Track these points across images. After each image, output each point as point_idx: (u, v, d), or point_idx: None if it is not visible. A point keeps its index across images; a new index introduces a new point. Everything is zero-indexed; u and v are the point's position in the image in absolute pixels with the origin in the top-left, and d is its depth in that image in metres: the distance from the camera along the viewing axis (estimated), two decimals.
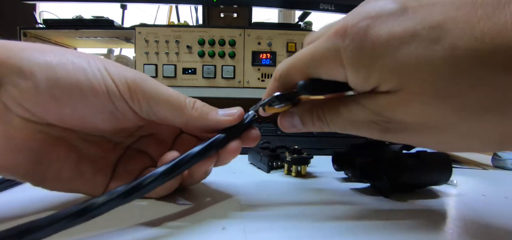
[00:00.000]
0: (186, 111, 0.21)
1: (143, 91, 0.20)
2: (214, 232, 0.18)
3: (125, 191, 0.17)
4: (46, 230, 0.15)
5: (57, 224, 0.15)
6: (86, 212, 0.16)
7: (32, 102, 0.18)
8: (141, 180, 0.18)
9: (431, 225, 0.20)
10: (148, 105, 0.20)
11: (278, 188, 0.27)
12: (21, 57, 0.17)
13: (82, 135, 0.21)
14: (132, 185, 0.17)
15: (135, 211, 0.20)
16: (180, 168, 0.19)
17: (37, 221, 0.15)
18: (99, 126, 0.21)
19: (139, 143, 0.25)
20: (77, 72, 0.18)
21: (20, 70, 0.17)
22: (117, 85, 0.19)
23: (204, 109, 0.22)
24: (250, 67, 0.57)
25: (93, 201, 0.16)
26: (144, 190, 0.18)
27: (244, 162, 0.37)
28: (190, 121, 0.21)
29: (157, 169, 0.19)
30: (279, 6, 0.66)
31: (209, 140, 0.21)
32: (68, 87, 0.18)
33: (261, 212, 0.21)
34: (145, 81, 0.20)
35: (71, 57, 0.19)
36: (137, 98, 0.20)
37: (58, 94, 0.18)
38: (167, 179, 0.19)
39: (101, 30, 0.60)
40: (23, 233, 0.14)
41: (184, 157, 0.20)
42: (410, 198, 0.25)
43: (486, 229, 0.20)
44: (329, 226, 0.19)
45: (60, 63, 0.18)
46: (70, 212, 0.15)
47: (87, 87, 0.18)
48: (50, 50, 0.19)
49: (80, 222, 0.16)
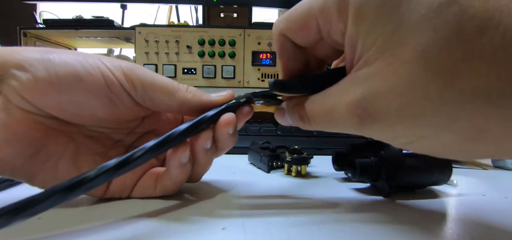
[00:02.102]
0: (180, 93, 0.22)
1: (138, 75, 0.21)
2: (214, 232, 0.18)
3: (116, 164, 0.18)
4: (39, 206, 0.15)
5: (50, 199, 0.16)
6: (79, 186, 0.17)
7: (31, 93, 0.19)
8: (131, 153, 0.18)
9: (431, 225, 0.20)
10: (143, 89, 0.21)
11: (278, 188, 0.27)
12: (22, 56, 0.19)
13: (82, 130, 0.22)
14: (122, 158, 0.18)
15: (135, 211, 0.20)
16: (171, 142, 0.20)
17: (29, 197, 0.15)
18: (98, 114, 0.21)
19: (140, 141, 0.25)
20: (74, 62, 0.20)
21: (19, 64, 0.19)
22: (112, 71, 0.20)
23: (197, 92, 0.23)
24: (250, 67, 0.57)
25: (86, 175, 0.17)
26: (134, 163, 0.18)
27: (244, 162, 0.37)
28: (184, 103, 0.22)
29: (147, 143, 0.19)
30: (279, 6, 0.66)
31: (199, 117, 0.21)
32: (66, 75, 0.19)
33: (261, 212, 0.21)
34: (139, 68, 0.22)
35: (70, 54, 0.20)
36: (132, 82, 0.21)
37: (56, 82, 0.19)
38: (158, 152, 0.19)
39: (101, 30, 0.60)
40: (18, 209, 0.15)
41: (174, 131, 0.20)
42: (410, 198, 0.25)
43: (486, 229, 0.20)
44: (329, 226, 0.19)
45: (58, 58, 0.19)
46: (63, 186, 0.16)
47: (82, 73, 0.20)
48: (50, 50, 0.20)
49: (73, 197, 0.16)
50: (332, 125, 0.17)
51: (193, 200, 0.23)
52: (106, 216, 0.19)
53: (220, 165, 0.32)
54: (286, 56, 0.20)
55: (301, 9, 0.18)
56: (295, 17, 0.18)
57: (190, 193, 0.25)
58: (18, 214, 0.15)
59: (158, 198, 0.23)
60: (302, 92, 0.19)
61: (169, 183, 0.22)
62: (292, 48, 0.19)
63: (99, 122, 0.22)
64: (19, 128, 0.19)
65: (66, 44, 0.71)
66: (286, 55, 0.20)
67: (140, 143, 0.24)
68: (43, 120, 0.20)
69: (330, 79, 0.17)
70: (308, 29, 0.18)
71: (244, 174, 0.32)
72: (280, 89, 0.19)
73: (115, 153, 0.23)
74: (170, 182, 0.22)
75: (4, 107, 0.19)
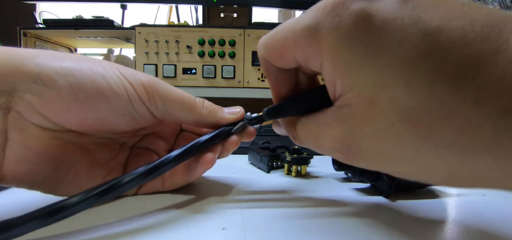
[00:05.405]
0: (197, 110, 0.23)
1: (158, 92, 0.21)
2: (214, 232, 0.18)
3: (145, 170, 0.19)
4: (73, 209, 0.16)
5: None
6: (112, 189, 0.18)
7: (54, 110, 0.18)
8: (158, 162, 0.20)
9: (431, 225, 0.20)
10: (164, 106, 0.21)
11: (278, 188, 0.27)
12: (36, 64, 0.17)
13: (93, 139, 0.22)
14: (151, 165, 0.19)
15: (134, 211, 0.20)
16: (193, 151, 0.22)
17: (64, 202, 0.16)
18: (120, 128, 0.21)
19: (143, 141, 0.25)
20: (96, 76, 0.18)
21: (37, 77, 0.17)
22: (135, 88, 0.20)
23: (213, 108, 0.24)
24: (250, 67, 0.57)
25: (118, 180, 0.18)
26: (161, 170, 0.20)
27: (244, 162, 0.37)
28: (201, 119, 0.23)
29: (171, 153, 0.20)
30: (279, 6, 0.66)
31: (216, 130, 0.23)
32: (91, 91, 0.18)
33: (261, 212, 0.21)
34: (159, 83, 0.21)
35: (86, 62, 0.19)
36: (154, 100, 0.21)
37: (83, 99, 0.18)
38: (184, 160, 0.21)
39: (101, 30, 0.60)
40: (53, 212, 0.16)
41: (195, 142, 0.22)
42: (410, 198, 0.25)
43: (486, 229, 0.20)
44: (329, 226, 0.19)
45: (78, 68, 0.18)
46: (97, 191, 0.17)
47: (108, 91, 0.19)
48: (64, 57, 0.19)
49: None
50: (321, 151, 0.18)
51: (193, 200, 0.23)
52: (105, 215, 0.19)
53: (220, 164, 0.32)
54: (273, 77, 0.19)
55: (277, 37, 0.17)
56: (273, 45, 0.17)
57: (190, 192, 0.25)
58: (53, 216, 0.16)
59: (157, 198, 0.23)
60: (294, 114, 0.20)
61: (182, 181, 0.24)
62: (277, 71, 0.19)
63: (114, 133, 0.23)
64: (36, 146, 0.18)
65: (66, 44, 0.71)
66: (272, 77, 0.19)
67: (142, 143, 0.25)
68: (59, 135, 0.19)
69: (318, 97, 0.18)
70: (286, 59, 0.17)
71: (244, 174, 0.32)
72: (274, 116, 0.21)
73: (123, 156, 0.24)
74: (183, 181, 0.24)
75: (17, 125, 0.17)
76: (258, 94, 0.58)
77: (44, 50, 0.19)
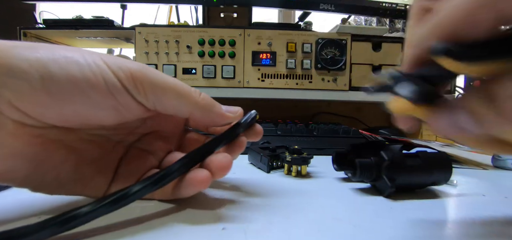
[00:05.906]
0: (192, 98, 0.21)
1: (149, 80, 0.19)
2: (214, 232, 0.18)
3: (155, 179, 0.19)
4: (85, 217, 0.16)
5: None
6: (121, 199, 0.18)
7: (28, 103, 0.17)
8: (164, 172, 0.19)
9: (431, 225, 0.20)
10: (155, 94, 0.20)
11: (278, 188, 0.27)
12: (11, 56, 0.16)
13: (81, 135, 0.21)
14: (158, 175, 0.19)
15: (134, 212, 0.20)
16: (200, 156, 0.21)
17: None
18: (103, 122, 0.20)
19: (141, 141, 0.24)
20: (70, 66, 0.17)
21: (9, 69, 0.16)
22: (118, 76, 0.18)
23: (210, 100, 0.23)
24: (250, 67, 0.57)
25: (129, 189, 0.18)
26: (168, 179, 0.19)
27: (244, 162, 0.37)
28: (195, 109, 0.22)
29: (174, 163, 0.20)
30: (279, 6, 0.66)
31: (225, 131, 0.23)
32: (63, 83, 0.17)
33: (261, 212, 0.21)
34: (150, 70, 0.20)
35: (63, 52, 0.18)
36: (143, 88, 0.19)
37: (55, 91, 0.17)
38: (194, 165, 0.21)
39: (101, 30, 0.60)
40: (67, 220, 0.16)
41: (204, 145, 0.22)
42: (410, 198, 0.25)
43: (486, 229, 0.20)
44: (329, 226, 0.19)
45: (51, 58, 0.17)
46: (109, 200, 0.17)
47: (82, 81, 0.17)
48: (41, 47, 0.18)
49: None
50: None
51: (193, 200, 0.23)
52: (105, 218, 0.19)
53: None
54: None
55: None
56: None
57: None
58: (64, 225, 0.16)
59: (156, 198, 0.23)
60: (496, 59, 0.12)
61: (192, 192, 0.21)
62: None
63: (104, 128, 0.21)
64: (15, 143, 0.17)
65: (66, 44, 0.71)
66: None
67: (140, 143, 0.24)
68: (41, 131, 0.18)
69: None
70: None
71: (244, 174, 0.32)
72: (464, 55, 0.12)
73: (116, 156, 0.23)
74: (194, 191, 0.21)
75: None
76: (258, 94, 0.58)
77: (24, 42, 0.18)
